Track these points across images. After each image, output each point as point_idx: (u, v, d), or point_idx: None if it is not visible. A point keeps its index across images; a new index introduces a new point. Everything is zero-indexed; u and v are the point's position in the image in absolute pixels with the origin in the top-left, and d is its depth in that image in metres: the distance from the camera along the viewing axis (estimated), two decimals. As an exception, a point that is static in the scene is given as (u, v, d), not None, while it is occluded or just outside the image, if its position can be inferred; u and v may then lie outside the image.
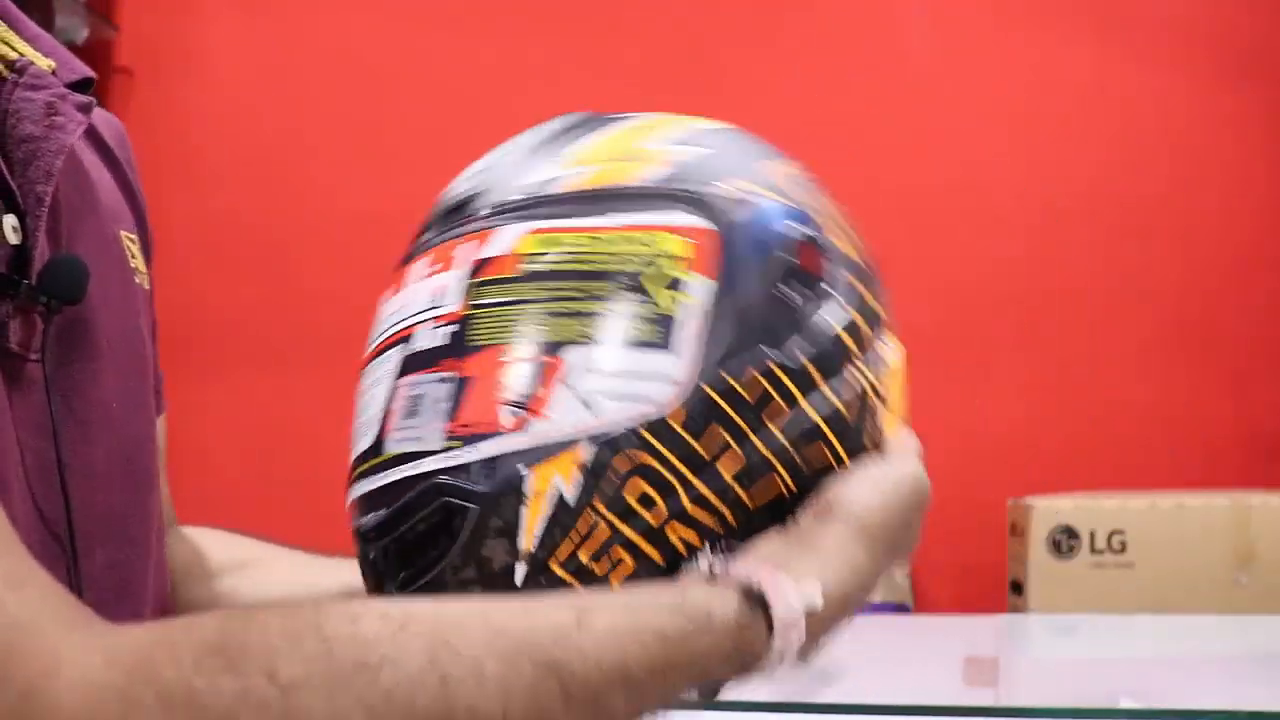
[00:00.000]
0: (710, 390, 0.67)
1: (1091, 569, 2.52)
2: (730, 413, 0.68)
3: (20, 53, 0.79)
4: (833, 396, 0.71)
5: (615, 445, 0.66)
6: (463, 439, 0.68)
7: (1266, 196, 3.00)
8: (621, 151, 0.73)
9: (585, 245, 0.69)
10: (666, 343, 0.68)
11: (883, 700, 1.45)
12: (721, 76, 3.07)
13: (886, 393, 0.75)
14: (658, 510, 0.67)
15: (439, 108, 3.02)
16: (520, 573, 0.67)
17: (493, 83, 3.05)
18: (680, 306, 0.68)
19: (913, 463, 0.74)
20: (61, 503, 0.74)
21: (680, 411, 0.67)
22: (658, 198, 0.71)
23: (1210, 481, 2.72)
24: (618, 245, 0.69)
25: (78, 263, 0.76)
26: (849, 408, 0.72)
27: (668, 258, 0.69)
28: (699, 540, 0.68)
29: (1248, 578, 2.46)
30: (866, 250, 0.77)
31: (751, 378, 0.68)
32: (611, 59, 3.13)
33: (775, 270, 0.71)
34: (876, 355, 0.75)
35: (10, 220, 0.73)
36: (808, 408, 0.70)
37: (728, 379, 0.68)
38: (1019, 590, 2.60)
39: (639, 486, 0.67)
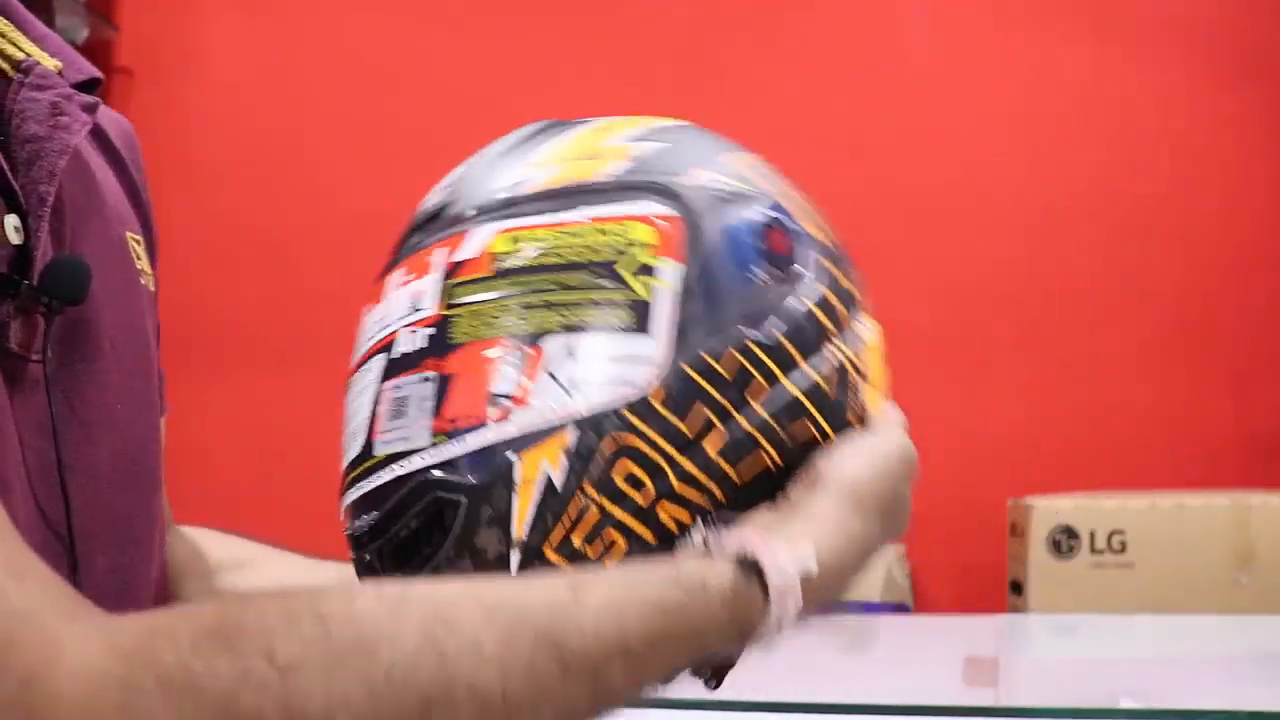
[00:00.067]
0: (690, 370, 0.69)
1: (1091, 569, 2.53)
2: (712, 391, 0.69)
3: (27, 53, 0.79)
4: (812, 373, 0.72)
5: (600, 428, 0.68)
6: (449, 434, 0.69)
7: (1266, 196, 3.00)
8: (585, 151, 0.75)
9: (556, 239, 0.71)
10: (643, 326, 0.69)
11: (883, 700, 1.45)
12: (721, 76, 3.07)
13: (867, 369, 0.76)
14: (646, 490, 0.68)
15: (439, 108, 3.02)
16: (515, 560, 0.68)
17: (493, 83, 3.05)
18: (654, 291, 0.70)
19: (898, 434, 0.75)
20: (62, 503, 0.74)
21: (661, 391, 0.68)
22: (624, 189, 0.72)
23: (1210, 481, 2.72)
24: (588, 237, 0.71)
25: (80, 263, 0.76)
26: (830, 383, 0.73)
27: (638, 245, 0.70)
28: (690, 518, 0.69)
29: (1248, 578, 2.47)
30: (834, 234, 0.78)
31: (730, 357, 0.70)
32: (611, 59, 3.13)
33: (745, 252, 0.72)
34: (854, 334, 0.76)
35: (12, 220, 0.73)
36: (788, 384, 0.71)
37: (706, 359, 0.69)
38: (1019, 590, 2.60)
39: (626, 467, 0.68)
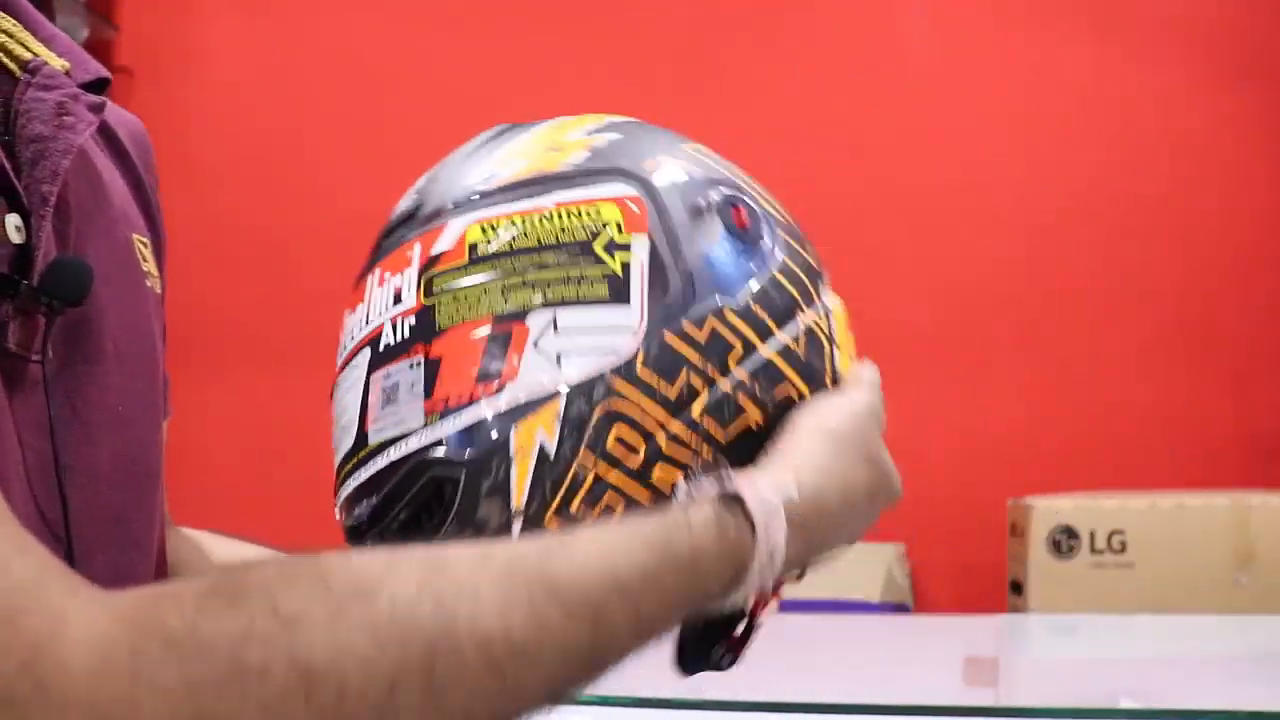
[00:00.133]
0: (671, 337, 0.72)
1: (1091, 569, 2.53)
2: (692, 356, 0.73)
3: (34, 53, 0.79)
4: (785, 336, 0.76)
5: (590, 395, 0.71)
6: (441, 413, 0.71)
7: (1266, 196, 3.00)
8: (547, 144, 0.78)
9: (530, 224, 0.74)
10: (622, 298, 0.73)
11: (883, 700, 1.45)
12: (721, 76, 3.07)
13: (835, 334, 0.80)
14: (638, 453, 0.71)
15: (439, 108, 3.02)
16: (516, 530, 0.70)
17: (493, 83, 3.05)
18: (628, 265, 0.73)
19: (868, 389, 0.79)
20: (60, 504, 0.74)
21: (645, 358, 0.72)
22: (588, 175, 0.76)
23: (1210, 481, 2.72)
24: (560, 220, 0.74)
25: (81, 264, 0.76)
26: (801, 345, 0.77)
27: (609, 224, 0.74)
28: (683, 478, 0.72)
29: (1248, 578, 2.47)
30: (790, 215, 0.83)
31: (708, 323, 0.73)
32: (611, 59, 3.13)
33: (710, 227, 0.76)
34: (820, 302, 0.80)
35: (14, 220, 0.73)
36: (764, 348, 0.75)
37: (685, 326, 0.73)
38: (1019, 590, 2.60)
39: (618, 431, 0.71)
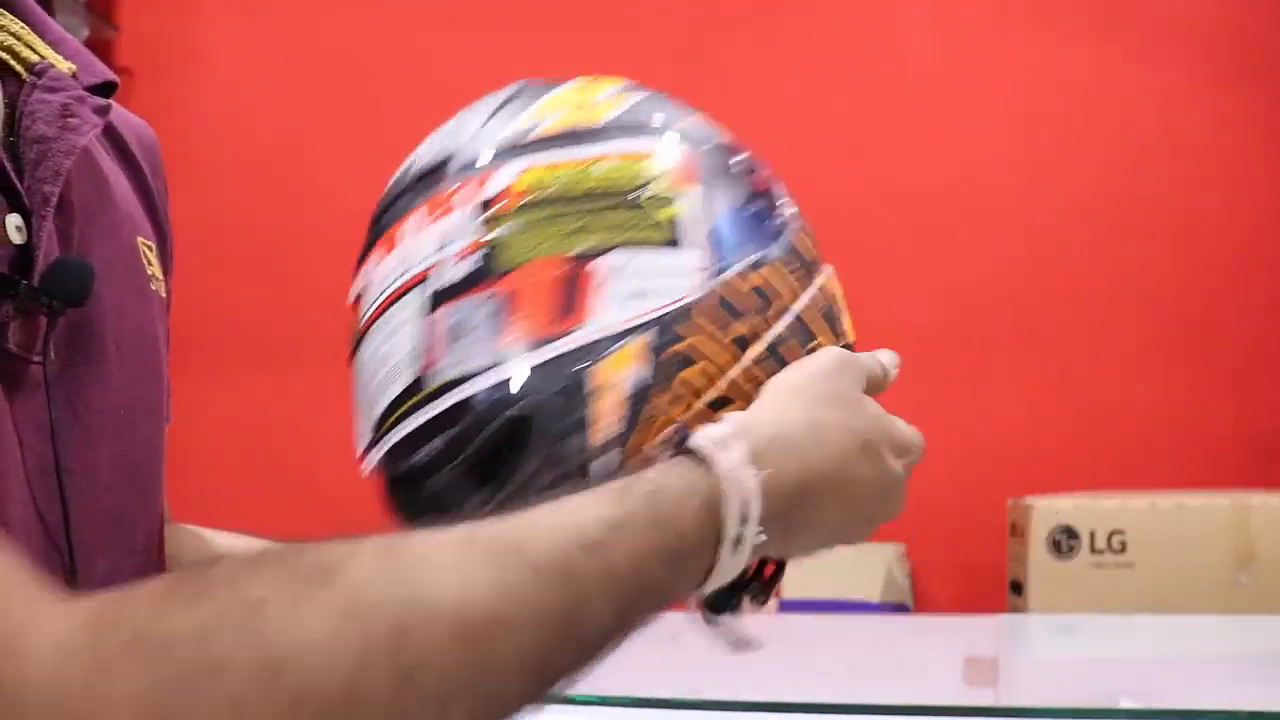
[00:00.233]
0: (728, 285, 0.74)
1: (1091, 569, 2.53)
2: (748, 304, 0.74)
3: (41, 55, 0.79)
4: (812, 290, 0.78)
5: (667, 332, 0.71)
6: (517, 350, 0.71)
7: (1266, 196, 3.00)
8: (580, 102, 0.79)
9: (585, 172, 0.75)
10: (682, 244, 0.74)
11: (883, 700, 1.45)
12: (721, 76, 3.07)
13: (839, 297, 0.82)
14: (705, 395, 0.72)
15: (439, 108, 3.01)
16: (596, 469, 0.70)
17: (493, 83, 3.04)
18: (684, 214, 0.74)
19: (838, 349, 0.78)
20: (60, 506, 0.74)
21: (708, 302, 0.73)
22: (632, 129, 0.77)
23: (1210, 481, 2.72)
24: (613, 169, 0.75)
25: (82, 264, 0.76)
26: (822, 302, 0.79)
27: (662, 175, 0.75)
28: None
29: (1248, 578, 2.47)
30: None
31: (757, 275, 0.75)
32: (611, 59, 3.12)
33: (742, 185, 0.78)
34: (826, 266, 0.82)
35: (14, 220, 0.73)
36: (798, 302, 0.76)
37: (739, 275, 0.74)
38: (1019, 590, 2.60)
39: (687, 373, 0.72)
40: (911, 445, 0.77)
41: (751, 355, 0.73)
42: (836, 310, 0.80)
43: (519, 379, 0.71)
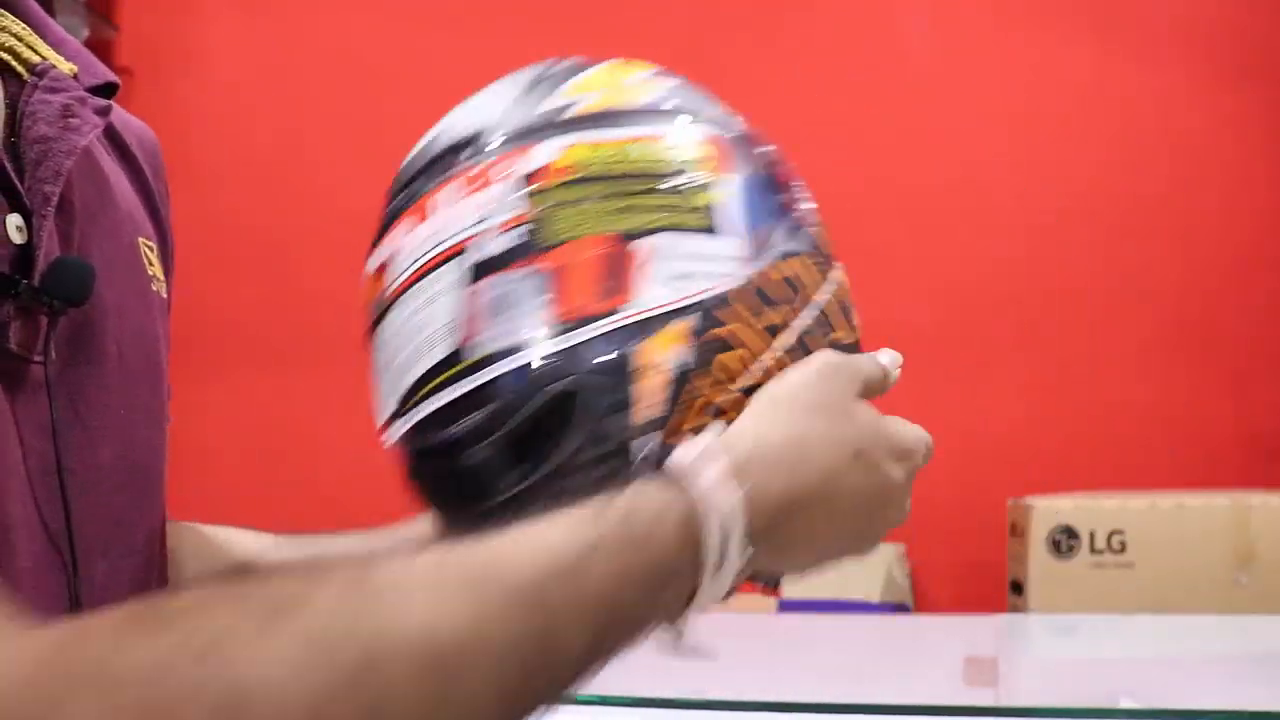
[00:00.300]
0: (765, 272, 0.74)
1: (1091, 569, 2.53)
2: (780, 293, 0.75)
3: (43, 56, 0.79)
4: (833, 283, 0.79)
5: (708, 316, 0.72)
6: (563, 326, 0.71)
7: (1266, 196, 3.00)
8: (613, 83, 0.79)
9: (623, 153, 0.75)
10: (723, 230, 0.74)
11: (883, 700, 1.45)
12: (721, 76, 3.06)
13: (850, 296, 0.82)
14: (744, 377, 0.72)
15: (439, 108, 3.01)
16: (637, 448, 0.70)
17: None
18: (724, 199, 0.75)
19: (828, 356, 0.76)
20: (61, 506, 0.73)
21: (747, 288, 0.73)
22: (668, 114, 0.78)
23: (1210, 481, 2.72)
24: (649, 152, 0.75)
25: (83, 264, 0.76)
26: (840, 296, 0.79)
27: (703, 159, 0.76)
28: None
29: (1248, 578, 2.47)
30: None
31: (789, 264, 0.76)
32: (611, 58, 3.13)
33: (770, 174, 0.79)
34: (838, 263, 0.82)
35: (15, 220, 0.73)
36: (821, 293, 0.77)
37: (774, 263, 0.75)
38: (1019, 590, 2.60)
39: (729, 357, 0.72)
40: (914, 448, 0.75)
41: (781, 344, 0.74)
42: (849, 304, 0.81)
43: (564, 355, 0.70)
